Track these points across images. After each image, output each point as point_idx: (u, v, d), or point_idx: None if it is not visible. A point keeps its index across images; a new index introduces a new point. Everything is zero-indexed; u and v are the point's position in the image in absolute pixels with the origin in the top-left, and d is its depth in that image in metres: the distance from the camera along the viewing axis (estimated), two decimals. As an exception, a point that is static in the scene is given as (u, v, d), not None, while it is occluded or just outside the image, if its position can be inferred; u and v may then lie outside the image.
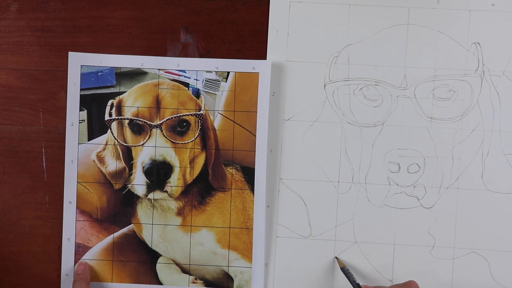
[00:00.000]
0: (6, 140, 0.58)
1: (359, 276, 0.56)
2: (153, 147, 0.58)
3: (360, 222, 0.57)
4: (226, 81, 0.58)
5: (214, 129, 0.58)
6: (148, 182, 0.58)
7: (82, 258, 0.58)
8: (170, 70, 0.58)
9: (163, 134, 0.58)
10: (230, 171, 0.58)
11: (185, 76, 0.58)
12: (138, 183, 0.58)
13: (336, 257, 0.56)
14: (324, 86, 0.57)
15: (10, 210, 0.59)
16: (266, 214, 0.57)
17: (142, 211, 0.59)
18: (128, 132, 0.58)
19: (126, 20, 0.58)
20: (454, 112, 0.56)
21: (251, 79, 0.57)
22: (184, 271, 0.59)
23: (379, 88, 0.56)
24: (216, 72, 0.58)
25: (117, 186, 0.59)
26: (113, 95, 0.58)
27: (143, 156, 0.58)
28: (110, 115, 0.58)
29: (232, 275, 0.58)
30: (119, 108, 0.58)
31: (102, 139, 0.59)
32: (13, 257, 0.59)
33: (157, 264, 0.59)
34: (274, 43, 0.57)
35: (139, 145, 0.58)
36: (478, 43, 0.56)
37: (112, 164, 0.59)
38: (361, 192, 0.57)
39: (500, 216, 0.56)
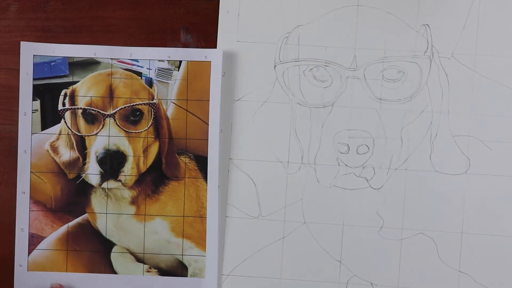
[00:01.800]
0: (6, 140, 0.59)
1: (308, 256, 0.57)
2: (107, 137, 0.59)
3: (309, 202, 0.58)
4: (178, 70, 0.58)
5: (167, 118, 0.59)
6: (102, 171, 0.59)
7: (36, 248, 0.59)
8: (123, 60, 0.59)
9: (116, 123, 0.58)
10: (184, 160, 0.59)
11: (137, 66, 0.59)
12: (92, 172, 0.59)
13: None
14: (274, 66, 0.57)
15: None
16: (218, 196, 0.58)
17: (96, 201, 0.59)
18: (81, 122, 0.59)
19: (126, 20, 0.59)
20: (403, 93, 0.57)
21: (203, 67, 0.58)
22: (139, 260, 0.59)
23: (329, 69, 0.57)
24: (168, 61, 0.58)
25: (71, 176, 0.59)
26: (67, 85, 0.59)
27: (97, 145, 0.59)
28: (64, 104, 0.59)
29: (187, 263, 0.59)
30: (73, 97, 0.59)
31: (55, 129, 0.59)
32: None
33: (112, 253, 0.59)
34: (224, 23, 0.57)
35: (93, 135, 0.59)
36: (427, 25, 0.56)
37: (66, 154, 0.59)
38: (310, 173, 0.57)
39: (448, 198, 0.57)
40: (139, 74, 0.59)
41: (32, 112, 0.59)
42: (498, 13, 0.57)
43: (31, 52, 0.59)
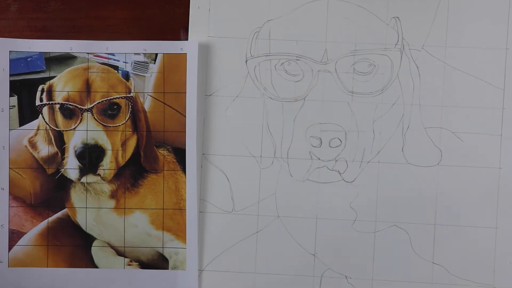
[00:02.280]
0: None
1: (282, 250, 0.58)
2: (85, 131, 0.59)
3: (282, 196, 0.58)
4: (154, 63, 0.59)
5: (144, 111, 0.59)
6: (81, 166, 0.59)
7: (17, 244, 0.59)
8: (99, 54, 0.59)
9: (94, 117, 0.59)
10: (162, 152, 0.59)
11: (114, 59, 0.59)
12: (71, 167, 0.59)
13: None
14: (246, 61, 0.58)
15: None
16: (197, 188, 0.59)
17: (76, 195, 0.60)
18: (59, 117, 0.59)
19: (126, 20, 0.59)
20: (375, 86, 0.57)
21: (179, 60, 0.58)
22: (119, 253, 0.60)
23: (300, 63, 0.57)
24: (144, 54, 0.59)
25: (50, 171, 0.59)
26: (44, 80, 0.59)
27: (75, 140, 0.59)
28: (41, 100, 0.59)
29: (167, 256, 0.59)
30: (50, 93, 0.59)
31: (33, 124, 0.59)
32: None
33: (92, 248, 0.60)
34: (195, 19, 0.58)
35: (71, 129, 0.59)
36: (398, 17, 0.57)
37: (44, 149, 0.59)
38: (283, 167, 0.58)
39: (420, 190, 0.57)
40: (116, 68, 0.59)
41: (10, 108, 0.59)
42: (468, 5, 0.57)
43: (7, 48, 0.59)
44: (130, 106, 0.59)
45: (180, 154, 0.59)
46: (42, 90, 0.59)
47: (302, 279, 0.58)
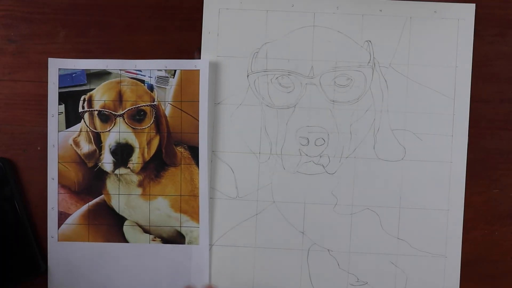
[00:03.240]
0: (39, 138, 0.63)
1: (277, 229, 0.60)
2: (118, 133, 0.62)
3: (277, 185, 0.61)
4: (174, 78, 0.61)
5: (165, 117, 0.61)
6: (115, 160, 0.62)
7: (64, 223, 0.62)
8: (129, 70, 0.62)
9: (125, 121, 0.61)
10: (180, 150, 0.61)
11: (141, 75, 0.62)
12: (107, 161, 0.62)
13: None
14: (247, 76, 0.61)
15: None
16: (207, 178, 0.61)
17: (110, 184, 0.62)
18: (97, 121, 0.62)
19: (150, 43, 0.62)
20: (352, 96, 0.60)
21: (193, 74, 0.61)
22: (145, 231, 0.62)
23: (292, 77, 0.60)
24: (165, 70, 0.61)
25: (90, 165, 0.62)
26: (85, 92, 0.62)
27: (110, 140, 0.62)
28: (83, 107, 0.62)
29: (184, 233, 0.62)
30: (90, 102, 0.62)
31: (77, 127, 0.62)
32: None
33: (124, 226, 0.62)
34: (207, 42, 0.61)
35: (106, 131, 0.62)
36: (370, 41, 0.60)
37: (86, 147, 0.62)
38: (277, 161, 0.60)
39: (389, 179, 0.60)
40: (143, 81, 0.62)
41: (58, 114, 0.62)
42: (425, 32, 0.60)
43: (56, 66, 0.62)
44: (154, 113, 0.61)
45: (194, 151, 0.61)
46: (84, 100, 0.62)
47: (293, 252, 0.60)
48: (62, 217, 0.63)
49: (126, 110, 0.62)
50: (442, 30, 0.60)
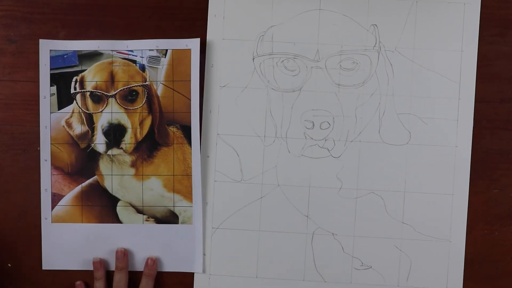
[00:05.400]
0: (31, 124, 0.64)
1: (282, 212, 0.61)
2: (110, 113, 0.62)
3: (282, 169, 0.62)
4: (165, 57, 0.62)
5: (157, 96, 0.62)
6: (107, 141, 0.62)
7: (58, 204, 0.63)
8: (120, 51, 0.62)
9: (117, 102, 0.62)
10: (172, 129, 0.62)
11: (132, 55, 0.62)
12: (99, 142, 0.63)
13: None
14: (253, 59, 0.62)
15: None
16: (207, 163, 0.62)
17: (103, 165, 0.63)
18: (89, 102, 0.62)
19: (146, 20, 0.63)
20: (357, 80, 0.61)
21: (185, 54, 0.61)
22: (139, 211, 0.63)
23: (297, 61, 0.61)
24: (157, 50, 0.62)
25: (82, 146, 0.63)
26: (77, 73, 0.62)
27: (102, 120, 0.62)
28: (75, 89, 0.62)
29: (177, 213, 0.62)
30: (82, 83, 0.62)
31: (69, 108, 0.63)
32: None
33: (117, 207, 0.63)
34: (212, 25, 0.62)
35: (99, 112, 0.62)
36: (376, 24, 0.61)
37: (78, 128, 0.63)
38: (282, 145, 0.61)
39: (393, 163, 0.61)
40: (134, 61, 0.62)
41: (50, 96, 0.62)
42: (431, 15, 0.61)
43: (48, 47, 0.62)
44: (146, 93, 0.62)
45: (186, 131, 0.62)
46: (76, 81, 0.62)
47: (298, 235, 0.62)
48: (56, 198, 0.63)
49: (118, 90, 0.62)
50: (448, 14, 0.61)
